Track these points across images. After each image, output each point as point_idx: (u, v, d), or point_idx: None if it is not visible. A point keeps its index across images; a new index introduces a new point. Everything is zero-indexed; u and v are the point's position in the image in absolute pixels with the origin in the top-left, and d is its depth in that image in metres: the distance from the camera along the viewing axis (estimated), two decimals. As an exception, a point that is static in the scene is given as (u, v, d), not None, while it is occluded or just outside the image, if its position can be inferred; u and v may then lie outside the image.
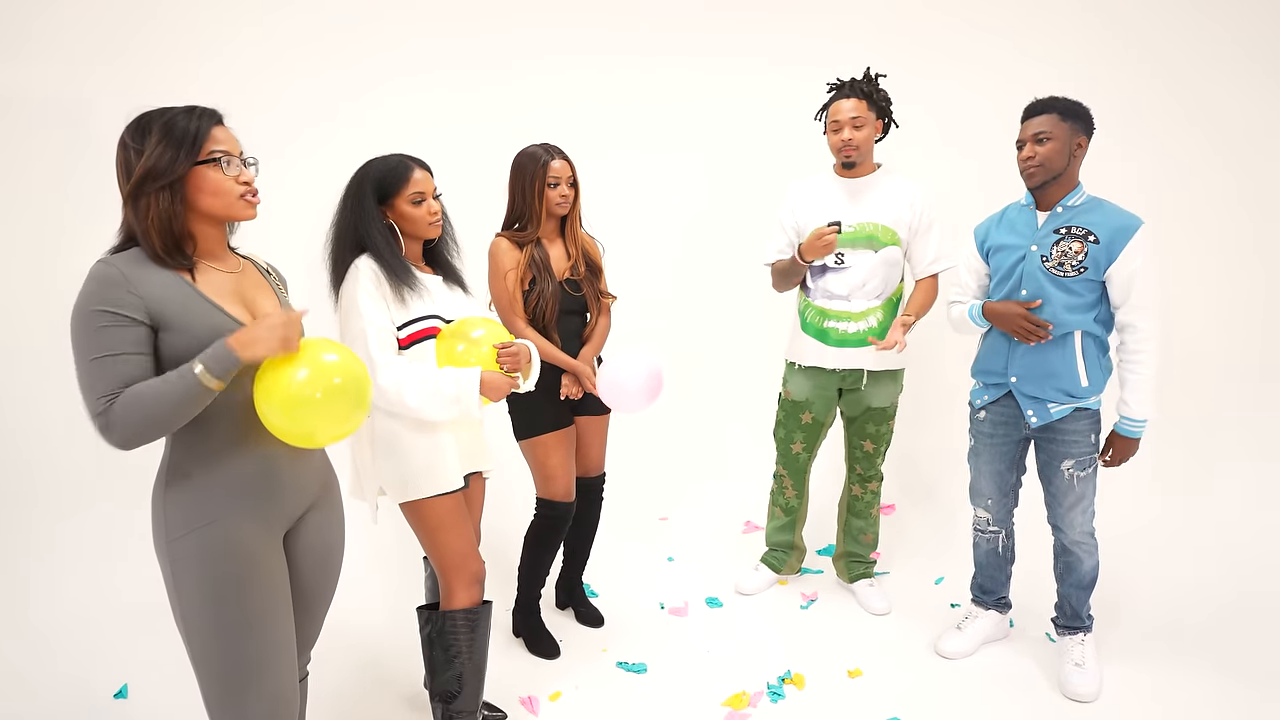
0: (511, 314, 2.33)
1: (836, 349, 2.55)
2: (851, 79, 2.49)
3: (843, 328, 2.53)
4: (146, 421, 1.24)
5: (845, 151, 2.47)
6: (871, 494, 2.82)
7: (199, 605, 1.35)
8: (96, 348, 1.24)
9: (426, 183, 1.87)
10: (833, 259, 2.50)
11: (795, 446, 2.78)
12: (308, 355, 1.32)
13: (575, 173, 2.36)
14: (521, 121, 3.13)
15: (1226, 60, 3.19)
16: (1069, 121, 2.10)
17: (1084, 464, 2.24)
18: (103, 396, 1.24)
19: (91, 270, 1.27)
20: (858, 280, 2.51)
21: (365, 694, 2.34)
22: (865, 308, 2.52)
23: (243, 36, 3.02)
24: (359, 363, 1.39)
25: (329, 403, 1.31)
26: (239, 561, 1.36)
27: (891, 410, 2.70)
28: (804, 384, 2.68)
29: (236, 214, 1.37)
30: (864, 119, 2.44)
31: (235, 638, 1.36)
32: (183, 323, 1.29)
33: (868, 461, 2.77)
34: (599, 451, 2.62)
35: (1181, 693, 2.27)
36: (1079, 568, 2.32)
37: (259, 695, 1.39)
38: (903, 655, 2.51)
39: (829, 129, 2.51)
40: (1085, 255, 2.10)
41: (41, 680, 2.33)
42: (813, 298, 2.58)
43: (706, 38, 3.71)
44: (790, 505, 2.91)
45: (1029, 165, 2.14)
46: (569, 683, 2.39)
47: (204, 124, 1.32)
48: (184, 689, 2.24)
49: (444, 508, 1.88)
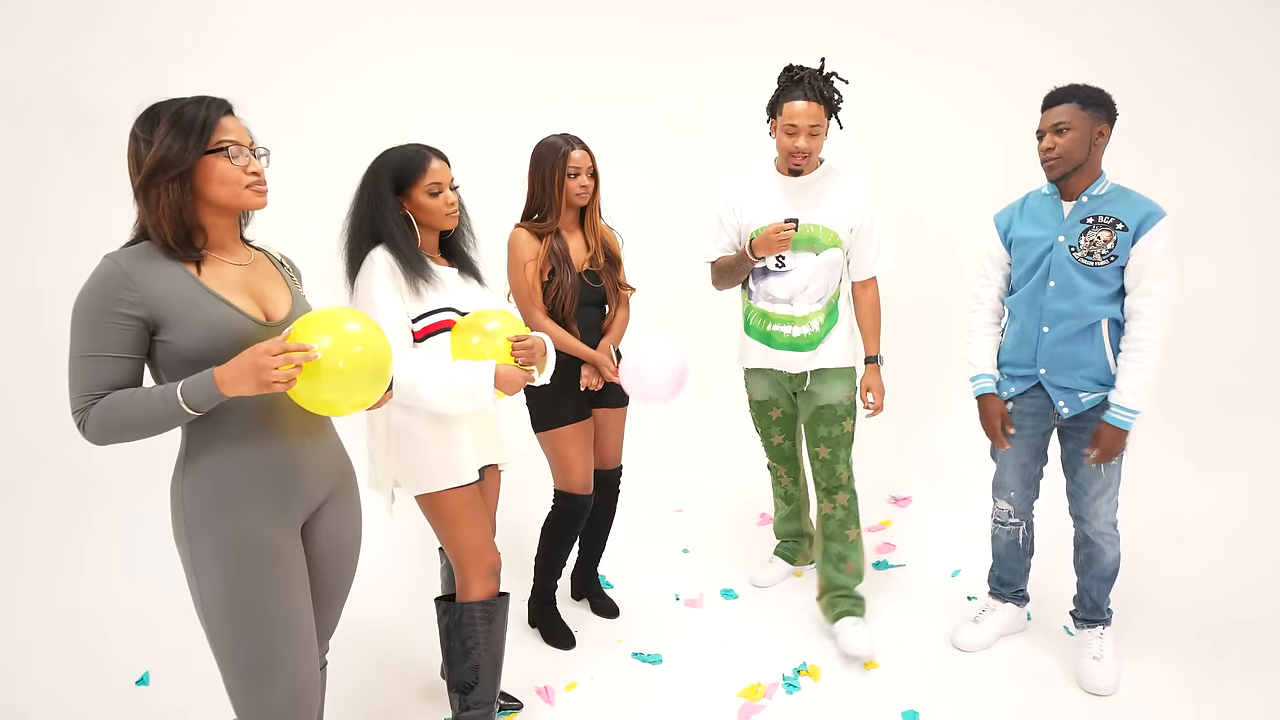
0: (530, 305, 2.32)
1: (781, 352, 2.47)
2: (809, 76, 2.28)
3: (786, 331, 2.44)
4: (121, 430, 1.27)
5: (796, 159, 2.33)
6: (843, 509, 2.54)
7: (219, 596, 1.36)
8: (88, 345, 1.26)
9: (444, 173, 1.87)
10: (773, 261, 2.40)
11: (776, 439, 2.76)
12: (330, 324, 1.30)
13: (595, 163, 2.35)
14: (541, 112, 3.13)
15: (1257, 47, 3.13)
16: (1089, 110, 2.06)
17: None
18: (84, 395, 1.26)
19: (97, 266, 1.28)
20: (799, 283, 2.40)
21: (383, 684, 2.36)
22: (807, 311, 2.42)
23: (257, 26, 3.02)
24: (381, 332, 1.37)
25: (351, 372, 1.30)
26: (258, 553, 1.37)
27: (843, 409, 2.49)
28: (761, 383, 2.64)
29: (244, 203, 1.37)
30: (820, 126, 2.30)
31: (256, 629, 1.37)
32: (186, 318, 1.29)
33: (827, 470, 2.54)
34: (617, 444, 2.62)
35: (1201, 688, 2.24)
36: (1101, 559, 2.30)
37: (281, 685, 1.40)
38: (919, 648, 2.49)
39: (783, 129, 2.32)
40: (1115, 244, 2.07)
41: (63, 667, 2.37)
42: (755, 300, 2.49)
43: (729, 30, 3.69)
44: (789, 493, 2.90)
45: (1049, 157, 2.10)
46: (584, 673, 2.40)
47: (213, 113, 1.32)
48: (206, 677, 2.27)
49: (459, 500, 1.88)
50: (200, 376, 1.25)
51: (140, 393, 1.26)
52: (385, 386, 1.38)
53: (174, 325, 1.28)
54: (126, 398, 1.26)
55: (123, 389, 1.27)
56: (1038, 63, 3.32)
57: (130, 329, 1.27)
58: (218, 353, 1.30)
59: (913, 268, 3.39)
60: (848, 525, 2.55)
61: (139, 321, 1.27)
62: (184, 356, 1.29)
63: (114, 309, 1.25)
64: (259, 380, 1.22)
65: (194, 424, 1.35)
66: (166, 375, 1.33)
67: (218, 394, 1.25)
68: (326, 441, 1.52)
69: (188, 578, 1.39)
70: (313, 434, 1.47)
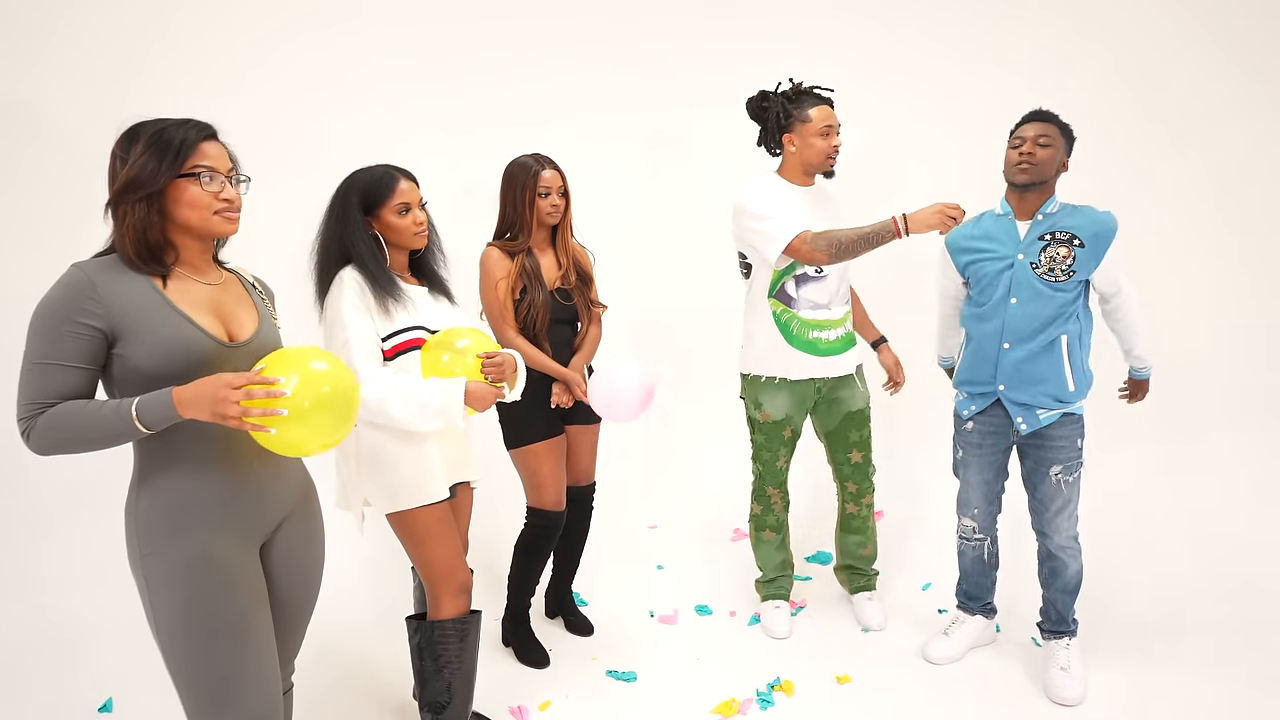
0: (502, 323, 2.33)
1: (825, 359, 2.54)
2: (817, 86, 2.48)
3: (827, 336, 2.52)
4: (67, 442, 1.25)
5: (834, 159, 2.47)
6: (866, 509, 2.76)
7: (175, 619, 1.33)
8: (43, 353, 1.24)
9: (412, 193, 1.88)
10: (814, 268, 2.48)
11: (781, 461, 2.67)
12: (296, 363, 1.29)
13: (566, 182, 2.38)
14: (513, 131, 3.15)
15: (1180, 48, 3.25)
16: (1065, 139, 2.19)
17: (1071, 469, 2.27)
18: (32, 403, 1.24)
19: (63, 274, 1.27)
20: (833, 287, 2.51)
21: (354, 705, 2.33)
22: (842, 313, 2.55)
23: (231, 45, 3.03)
24: (347, 371, 1.37)
25: (317, 412, 1.27)
26: (214, 574, 1.35)
27: (869, 409, 2.67)
28: (784, 401, 2.57)
29: (212, 229, 1.36)
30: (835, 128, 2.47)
31: (213, 651, 1.35)
32: (145, 330, 1.27)
33: (859, 474, 2.70)
34: (589, 461, 2.62)
35: (1166, 696, 2.28)
36: (1064, 572, 2.34)
37: (242, 709, 1.37)
38: (891, 661, 2.52)
39: (815, 133, 2.42)
40: (1073, 260, 2.15)
41: (24, 693, 2.32)
42: (798, 309, 2.51)
43: (695, 45, 3.73)
44: (780, 521, 2.76)
45: (1027, 159, 2.15)
46: (559, 692, 2.39)
47: (192, 136, 1.32)
48: (169, 703, 2.24)
49: (430, 518, 1.88)
50: (158, 395, 1.24)
51: (93, 405, 1.24)
52: (352, 426, 1.37)
53: (132, 338, 1.27)
54: (78, 409, 1.24)
55: (73, 400, 1.25)
56: (1000, 82, 3.42)
57: (89, 339, 1.25)
58: (175, 370, 1.28)
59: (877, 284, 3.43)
60: (869, 519, 2.79)
61: (99, 332, 1.25)
62: (140, 371, 1.27)
63: (75, 318, 1.24)
64: (214, 411, 1.21)
65: (146, 443, 1.33)
66: (120, 389, 1.30)
67: (174, 414, 1.23)
68: (283, 463, 1.49)
69: (143, 601, 1.36)
70: (269, 455, 1.44)
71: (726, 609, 2.87)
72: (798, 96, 2.46)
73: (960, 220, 2.14)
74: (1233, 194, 3.38)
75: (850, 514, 2.78)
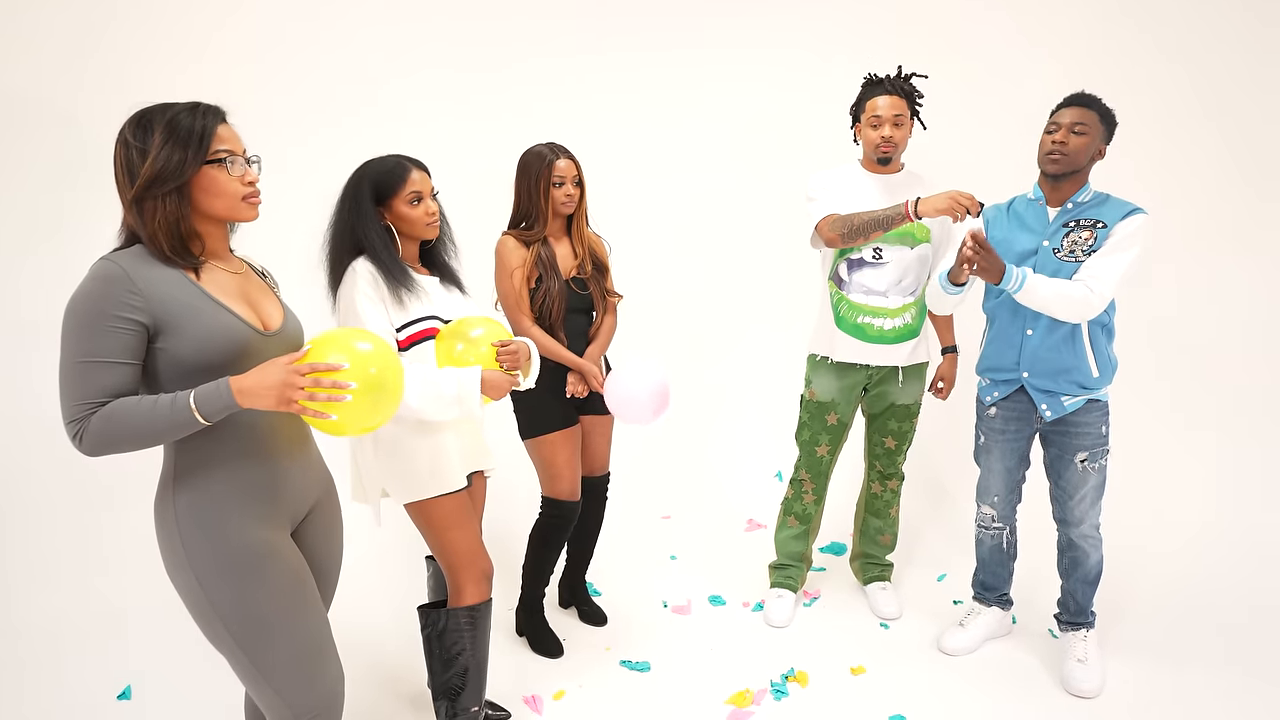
0: (518, 312, 2.33)
1: (873, 345, 2.51)
2: (888, 75, 2.45)
3: (879, 324, 2.48)
4: (122, 440, 1.20)
5: (884, 148, 2.44)
6: (891, 493, 2.77)
7: (246, 610, 1.33)
8: (86, 350, 1.19)
9: (424, 183, 1.87)
10: (870, 252, 2.46)
11: (820, 449, 2.67)
12: (343, 345, 1.27)
13: (581, 172, 2.36)
14: (528, 120, 3.13)
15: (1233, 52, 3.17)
16: (1104, 125, 2.12)
17: (1096, 455, 2.24)
18: (81, 403, 1.19)
19: (93, 267, 1.22)
20: (894, 276, 2.46)
21: (369, 694, 2.34)
22: (901, 304, 2.48)
23: (240, 33, 3.02)
24: (393, 351, 1.35)
25: (371, 392, 1.26)
26: (272, 560, 1.36)
27: (915, 407, 2.65)
28: (830, 383, 2.58)
29: (238, 215, 1.34)
30: (903, 117, 2.43)
31: (293, 632, 1.37)
32: (186, 322, 1.25)
33: (889, 459, 2.72)
34: (604, 450, 2.62)
35: (1185, 690, 2.26)
36: (1085, 562, 2.32)
37: (326, 678, 1.42)
38: (906, 652, 2.51)
39: (867, 124, 2.46)
40: (1095, 241, 2.11)
41: (43, 681, 2.34)
42: (848, 292, 2.50)
43: (711, 34, 3.70)
44: (807, 512, 2.74)
45: (1058, 149, 2.11)
46: (573, 682, 2.40)
47: (209, 122, 1.28)
48: (188, 690, 2.26)
49: (449, 507, 1.88)
50: (215, 385, 1.21)
51: (146, 401, 1.20)
52: (397, 406, 1.36)
53: (175, 331, 1.24)
54: (132, 406, 1.19)
55: (122, 397, 1.21)
56: (1034, 66, 3.36)
57: (132, 333, 1.21)
58: (218, 361, 1.27)
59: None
60: (891, 505, 2.80)
61: (140, 326, 1.21)
62: (183, 364, 1.25)
63: (116, 312, 1.19)
64: (281, 397, 1.20)
65: (187, 439, 1.30)
66: (161, 383, 1.27)
67: (233, 404, 1.21)
68: (309, 456, 1.50)
69: (190, 600, 1.33)
70: (298, 448, 1.45)
71: (740, 600, 2.86)
72: (870, 86, 2.48)
73: (973, 210, 2.16)
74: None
75: (874, 494, 2.79)
